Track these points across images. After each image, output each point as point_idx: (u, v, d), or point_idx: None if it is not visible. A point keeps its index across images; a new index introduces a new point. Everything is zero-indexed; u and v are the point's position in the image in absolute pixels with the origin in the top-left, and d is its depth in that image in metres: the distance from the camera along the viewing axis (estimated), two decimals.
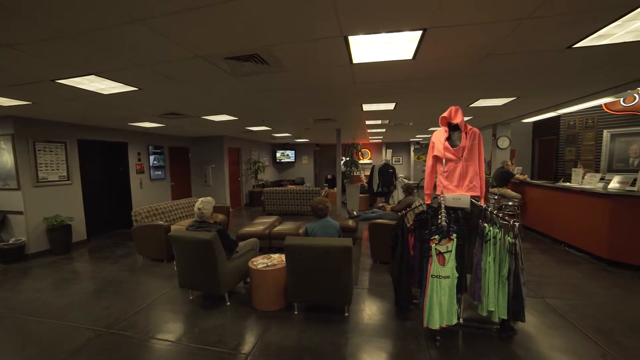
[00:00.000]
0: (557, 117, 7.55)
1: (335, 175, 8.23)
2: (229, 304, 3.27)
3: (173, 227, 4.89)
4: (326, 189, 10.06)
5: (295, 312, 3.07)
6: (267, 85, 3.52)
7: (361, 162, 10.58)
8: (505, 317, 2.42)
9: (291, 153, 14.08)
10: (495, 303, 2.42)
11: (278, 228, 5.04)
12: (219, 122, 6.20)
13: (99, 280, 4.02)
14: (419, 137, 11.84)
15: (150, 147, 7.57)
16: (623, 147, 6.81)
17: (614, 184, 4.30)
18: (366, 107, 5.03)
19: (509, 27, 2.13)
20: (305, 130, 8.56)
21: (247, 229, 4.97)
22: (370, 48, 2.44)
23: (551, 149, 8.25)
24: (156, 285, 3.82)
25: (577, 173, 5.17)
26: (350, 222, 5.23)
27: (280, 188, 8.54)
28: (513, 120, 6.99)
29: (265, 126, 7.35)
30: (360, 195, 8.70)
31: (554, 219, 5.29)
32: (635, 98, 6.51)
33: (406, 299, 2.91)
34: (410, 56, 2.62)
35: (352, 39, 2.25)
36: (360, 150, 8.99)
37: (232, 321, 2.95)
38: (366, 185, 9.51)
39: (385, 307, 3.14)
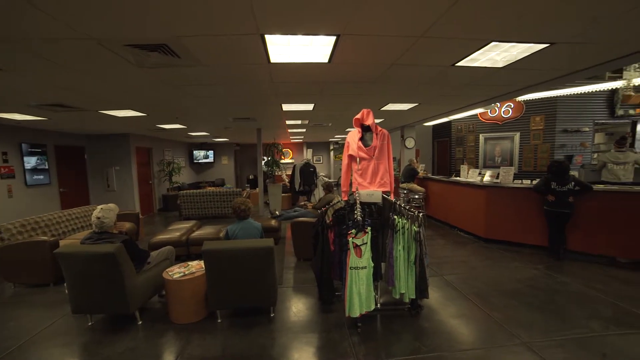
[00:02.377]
0: (450, 122, 8.93)
1: (257, 175, 8.10)
2: (140, 322, 2.90)
3: (63, 242, 4.08)
4: (248, 189, 9.81)
5: (219, 321, 2.91)
6: (181, 80, 3.24)
7: (283, 161, 10.65)
8: (414, 297, 2.76)
9: (210, 153, 13.25)
10: (405, 285, 2.74)
11: (196, 233, 4.70)
12: (123, 118, 5.41)
13: None
14: (338, 137, 12.52)
15: (23, 145, 6.08)
16: (491, 148, 8.51)
17: (487, 177, 5.35)
18: (286, 107, 5.08)
19: (408, 42, 2.43)
20: (225, 129, 8.17)
21: (161, 237, 4.50)
22: (287, 49, 2.47)
23: (446, 149, 9.72)
24: (36, 317, 3.08)
25: (463, 169, 6.23)
26: (273, 222, 5.22)
27: (199, 190, 7.98)
28: (417, 123, 7.99)
29: (180, 124, 6.74)
30: (283, 194, 8.76)
31: (449, 208, 6.27)
32: (496, 111, 8.20)
33: (329, 293, 3.05)
34: (326, 59, 2.75)
35: (269, 38, 2.24)
36: (281, 150, 9.04)
37: (146, 342, 2.63)
38: (288, 184, 9.61)
39: (310, 302, 3.24)
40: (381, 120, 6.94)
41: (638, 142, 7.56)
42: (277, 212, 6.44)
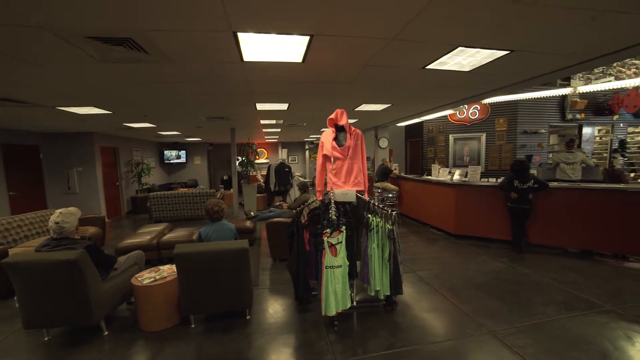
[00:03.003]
0: (421, 123, 9.24)
1: (231, 175, 7.94)
2: (106, 333, 2.74)
3: (14, 251, 3.76)
4: (222, 190, 9.59)
5: (193, 326, 2.82)
6: (149, 76, 3.10)
7: (257, 161, 10.52)
8: (388, 293, 2.83)
9: (182, 153, 12.78)
10: (380, 283, 2.80)
11: (168, 236, 4.52)
12: (86, 116, 5.07)
13: None
14: (313, 137, 12.55)
15: None
16: (460, 148, 8.93)
17: (456, 176, 5.60)
18: (260, 107, 5.02)
19: (381, 44, 2.49)
20: (197, 129, 7.92)
21: (130, 241, 4.28)
22: (261, 47, 2.44)
23: (418, 149, 10.05)
24: None
25: (434, 168, 6.47)
26: (248, 223, 5.14)
27: (170, 192, 7.68)
28: (390, 123, 8.20)
29: (149, 123, 6.44)
30: (258, 195, 8.67)
31: (421, 206, 6.49)
32: (464, 112, 8.62)
33: (305, 292, 3.05)
34: (300, 59, 2.75)
35: (242, 36, 2.21)
36: (256, 150, 8.93)
37: (112, 354, 2.48)
38: (263, 184, 9.52)
39: (286, 303, 3.22)
40: (355, 120, 7.04)
41: (584, 144, 8.28)
42: (252, 213, 6.35)
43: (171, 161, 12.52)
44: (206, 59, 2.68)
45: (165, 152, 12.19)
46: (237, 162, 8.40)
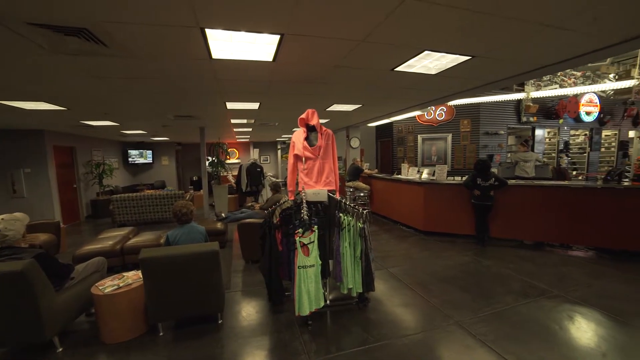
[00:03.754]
0: (391, 124, 9.50)
1: (201, 176, 7.68)
2: (60, 350, 2.50)
3: None
4: (192, 191, 9.25)
5: (161, 334, 2.68)
6: (110, 71, 2.92)
7: (228, 162, 10.27)
8: (361, 291, 2.88)
9: (148, 153, 12.13)
10: (353, 280, 2.84)
11: (133, 241, 4.29)
12: (35, 112, 4.64)
13: None
14: (285, 137, 12.47)
15: None
16: (428, 148, 9.31)
17: (424, 175, 5.82)
18: (230, 106, 4.90)
19: (350, 46, 2.53)
20: (164, 128, 7.57)
21: (90, 247, 3.99)
22: (230, 45, 2.39)
23: (388, 148, 10.33)
24: None
25: (404, 167, 6.69)
26: (219, 225, 5.01)
27: (135, 194, 7.25)
28: (361, 123, 8.35)
29: (110, 121, 6.04)
30: (229, 195, 8.47)
31: (392, 204, 6.68)
32: (431, 114, 9.00)
33: (279, 293, 3.02)
34: (270, 58, 2.73)
35: (210, 32, 2.14)
36: (226, 150, 8.72)
37: None
38: (234, 185, 9.32)
39: (260, 305, 3.18)
40: (327, 120, 7.09)
41: (537, 144, 9.00)
42: (223, 215, 6.17)
43: (136, 161, 11.82)
44: (172, 55, 2.57)
45: (130, 151, 11.49)
46: (207, 163, 8.14)
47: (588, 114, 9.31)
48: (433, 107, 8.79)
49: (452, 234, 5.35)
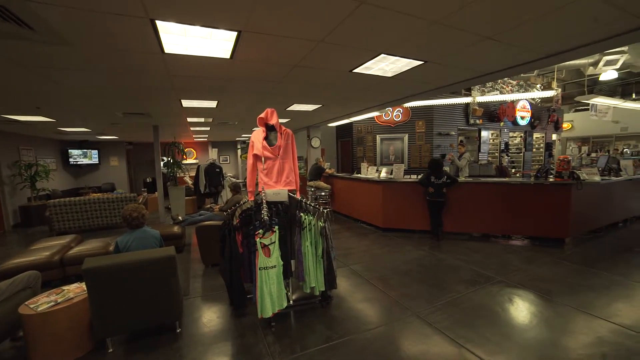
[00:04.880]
0: (351, 124, 9.74)
1: (156, 178, 7.21)
2: None
3: None
4: (145, 194, 8.64)
5: (110, 350, 2.46)
6: (40, 60, 2.61)
7: (185, 162, 9.76)
8: (323, 289, 2.91)
9: (94, 153, 11.06)
10: (315, 279, 2.86)
11: (76, 250, 3.88)
12: None
13: None
14: (245, 137, 12.18)
15: None
16: (386, 147, 9.71)
17: (383, 174, 6.06)
18: (186, 103, 4.67)
19: (309, 46, 2.55)
20: (113, 126, 6.97)
21: (19, 260, 3.52)
22: (185, 39, 2.28)
23: (349, 148, 10.57)
24: None
25: (364, 166, 6.90)
26: (176, 229, 4.75)
27: (78, 198, 6.55)
28: (322, 124, 8.44)
29: (44, 117, 5.41)
30: (187, 197, 8.06)
31: (353, 203, 6.84)
32: (389, 115, 9.41)
33: (240, 296, 2.94)
34: (227, 55, 2.65)
35: (161, 24, 2.02)
36: (183, 150, 8.28)
37: None
38: (192, 186, 8.89)
39: (221, 310, 3.07)
40: (287, 120, 7.06)
41: (482, 145, 9.86)
42: (180, 218, 5.83)
43: (79, 162, 10.67)
44: (118, 46, 2.38)
45: (71, 151, 10.35)
46: (162, 163, 7.66)
47: (522, 118, 10.48)
48: (391, 109, 9.17)
49: (409, 230, 5.63)
